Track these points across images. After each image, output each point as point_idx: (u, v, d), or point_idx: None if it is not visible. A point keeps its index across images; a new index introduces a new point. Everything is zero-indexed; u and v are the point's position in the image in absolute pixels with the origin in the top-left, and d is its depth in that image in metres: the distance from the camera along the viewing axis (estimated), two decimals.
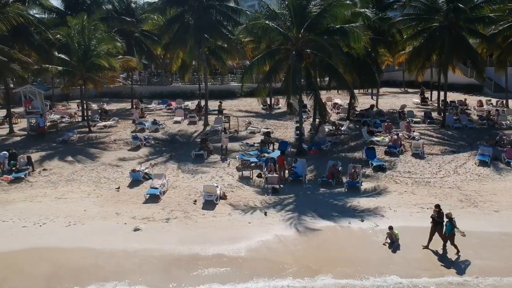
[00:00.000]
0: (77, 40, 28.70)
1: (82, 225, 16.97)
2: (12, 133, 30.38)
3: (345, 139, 28.65)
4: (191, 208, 18.32)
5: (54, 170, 23.16)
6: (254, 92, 40.72)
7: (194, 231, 16.35)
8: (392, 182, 21.34)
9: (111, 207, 18.61)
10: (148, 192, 19.41)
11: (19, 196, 19.98)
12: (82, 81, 29.52)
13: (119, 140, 28.61)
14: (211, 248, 15.02)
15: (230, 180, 21.69)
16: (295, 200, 19.27)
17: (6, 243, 15.40)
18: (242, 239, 15.64)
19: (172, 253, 14.79)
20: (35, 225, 16.93)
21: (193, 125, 33.22)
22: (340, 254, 14.81)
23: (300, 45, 23.62)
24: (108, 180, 21.86)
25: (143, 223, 17.00)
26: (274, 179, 21.11)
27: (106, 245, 15.29)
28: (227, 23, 32.09)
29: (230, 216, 17.63)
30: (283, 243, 15.49)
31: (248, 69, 25.06)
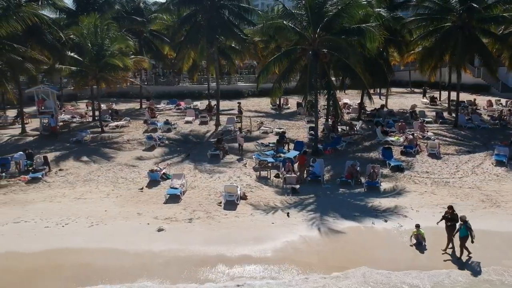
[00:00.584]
0: (91, 39, 28.60)
1: (104, 225, 16.90)
2: (24, 133, 30.31)
3: (358, 139, 28.59)
4: (213, 208, 18.26)
5: (71, 170, 23.10)
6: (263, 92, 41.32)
7: (217, 231, 16.28)
8: (411, 182, 21.27)
9: (132, 207, 18.54)
10: (168, 192, 19.34)
11: (38, 196, 19.91)
12: (95, 81, 29.41)
13: (132, 140, 28.55)
14: (236, 249, 14.96)
15: (248, 180, 21.63)
16: (316, 200, 19.21)
17: (30, 244, 15.31)
18: (267, 240, 15.58)
19: (198, 254, 14.73)
20: (57, 225, 16.87)
21: (204, 125, 33.15)
22: (366, 254, 14.73)
23: (317, 44, 23.54)
24: (126, 180, 21.80)
25: (166, 223, 16.93)
26: (292, 179, 21.06)
27: (131, 246, 15.23)
28: (239, 23, 32.03)
29: (252, 216, 17.57)
30: (308, 244, 15.43)
31: (264, 69, 24.97)
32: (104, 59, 28.34)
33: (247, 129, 31.23)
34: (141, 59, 31.57)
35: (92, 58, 28.65)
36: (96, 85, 30.07)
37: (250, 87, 51.49)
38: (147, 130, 31.20)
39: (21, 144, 27.98)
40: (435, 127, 31.35)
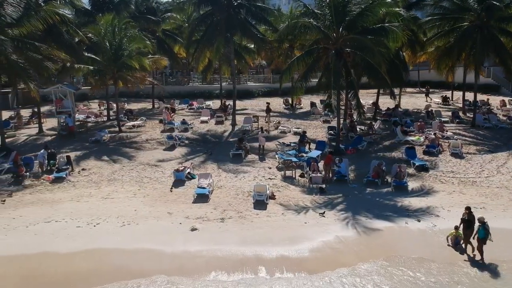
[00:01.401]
0: (109, 39, 28.47)
1: (136, 225, 16.78)
2: (41, 132, 30.21)
3: (378, 139, 28.51)
4: (244, 207, 18.16)
5: (94, 170, 22.98)
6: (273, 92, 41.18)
7: (252, 231, 16.17)
8: (438, 182, 21.18)
9: (162, 207, 18.43)
10: (197, 192, 19.24)
11: (65, 196, 19.80)
12: (113, 81, 29.30)
13: (151, 140, 28.45)
14: (273, 249, 14.82)
15: (274, 179, 21.51)
16: (345, 200, 19.12)
17: (65, 244, 15.17)
18: (302, 240, 15.46)
19: (236, 254, 14.60)
20: (88, 225, 16.74)
21: (220, 125, 33.06)
22: (405, 254, 14.62)
23: (340, 44, 23.45)
24: (151, 180, 21.70)
25: (198, 222, 16.82)
26: (318, 178, 21.00)
27: (166, 246, 15.09)
28: (256, 23, 31.94)
29: (284, 216, 17.46)
30: (344, 244, 15.31)
31: (287, 68, 24.88)
32: (122, 59, 28.21)
33: (264, 128, 31.15)
34: (159, 58, 31.42)
35: (110, 57, 28.52)
36: (114, 84, 29.92)
37: (260, 87, 51.47)
38: (164, 129, 31.10)
39: (40, 144, 27.83)
40: (453, 127, 31.25)
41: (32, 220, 17.07)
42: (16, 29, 24.20)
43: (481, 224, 13.95)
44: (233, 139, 28.78)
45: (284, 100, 42.84)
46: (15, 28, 24.13)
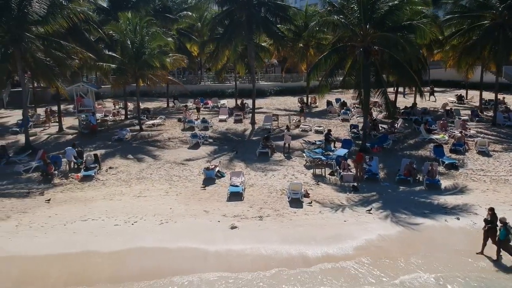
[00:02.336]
0: (130, 37, 28.32)
1: (174, 223, 16.65)
2: (62, 131, 30.08)
3: (401, 137, 28.36)
4: (280, 205, 18.03)
5: (121, 168, 22.84)
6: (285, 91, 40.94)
7: (292, 229, 16.04)
8: (469, 180, 21.05)
9: (196, 205, 18.29)
10: (230, 190, 19.10)
11: (97, 194, 19.65)
12: (134, 79, 29.16)
13: (173, 139, 28.35)
14: (318, 247, 14.69)
15: (304, 178, 21.38)
16: (380, 198, 18.99)
17: (106, 243, 15.02)
18: (345, 238, 15.34)
19: (280, 252, 14.47)
20: (126, 223, 16.61)
21: (239, 124, 32.93)
22: (452, 252, 14.51)
23: (368, 41, 23.33)
24: (180, 178, 21.55)
25: (236, 221, 16.68)
26: (350, 177, 20.89)
27: (209, 244, 14.94)
28: (276, 21, 31.82)
29: (322, 214, 17.34)
30: (388, 242, 15.19)
31: (315, 67, 24.72)
32: (143, 58, 28.05)
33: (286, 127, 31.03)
34: (181, 57, 31.25)
35: (131, 56, 28.36)
36: (135, 83, 29.78)
37: (272, 86, 51.35)
38: (184, 128, 30.98)
39: (62, 142, 27.79)
40: (473, 125, 31.10)
41: (68, 219, 16.93)
42: (41, 27, 24.05)
43: (503, 224, 13.78)
44: (255, 138, 28.67)
45: (299, 99, 42.74)
46: (40, 26, 23.95)
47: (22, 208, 17.94)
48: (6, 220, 16.87)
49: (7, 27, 23.20)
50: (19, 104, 41.74)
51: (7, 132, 30.46)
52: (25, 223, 16.58)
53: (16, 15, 22.91)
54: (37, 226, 16.33)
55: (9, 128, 31.56)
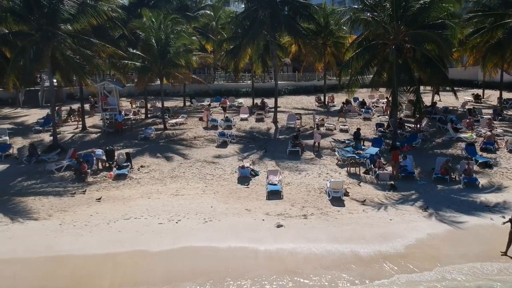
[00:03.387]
0: (155, 35, 28.15)
1: (218, 221, 16.50)
2: (85, 130, 29.90)
3: (427, 136, 28.21)
4: (321, 204, 17.90)
5: (153, 167, 22.70)
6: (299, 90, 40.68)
7: (339, 228, 15.89)
8: (506, 179, 20.89)
9: (237, 203, 18.15)
10: (269, 188, 18.95)
11: (133, 193, 19.50)
12: (159, 78, 29.00)
13: (199, 137, 28.19)
14: (368, 246, 14.54)
15: (339, 176, 21.24)
16: (421, 197, 18.84)
17: (154, 242, 14.85)
18: (395, 237, 15.18)
19: (332, 251, 14.31)
20: (170, 222, 16.47)
21: (261, 122, 32.76)
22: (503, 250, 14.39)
23: (400, 39, 23.21)
24: (214, 177, 21.41)
25: (281, 219, 16.54)
26: (386, 175, 20.77)
27: (258, 243, 14.77)
28: (300, 19, 31.69)
29: (365, 213, 17.20)
30: (438, 240, 15.05)
31: (346, 65, 24.61)
32: (169, 56, 27.89)
33: (310, 126, 30.95)
34: (206, 56, 31.07)
35: (155, 54, 28.18)
36: (160, 81, 29.61)
37: (286, 85, 51.12)
38: (207, 127, 30.83)
39: (87, 141, 27.66)
40: (497, 124, 30.96)
41: (110, 217, 16.79)
42: (70, 25, 23.88)
43: None
44: (282, 137, 28.54)
45: (316, 98, 42.62)
46: (69, 24, 23.79)
47: (62, 207, 17.80)
48: (49, 219, 16.73)
49: (38, 25, 23.00)
50: (34, 103, 42.05)
51: (30, 131, 30.23)
52: (68, 221, 16.44)
53: (47, 13, 22.73)
54: (81, 224, 16.18)
55: (31, 127, 31.35)
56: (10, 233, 15.54)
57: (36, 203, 18.17)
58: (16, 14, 22.87)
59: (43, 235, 15.38)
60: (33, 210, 17.47)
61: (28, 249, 14.39)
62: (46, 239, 15.06)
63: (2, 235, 15.36)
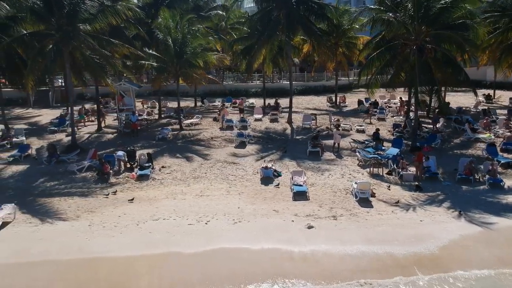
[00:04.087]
0: (173, 35, 28.05)
1: (248, 222, 16.42)
2: (100, 130, 29.79)
3: (444, 136, 28.13)
4: (349, 205, 17.82)
5: (174, 168, 22.61)
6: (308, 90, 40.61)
7: (370, 229, 15.82)
8: None
9: (264, 204, 18.06)
10: (295, 189, 18.86)
11: (158, 193, 19.41)
12: (175, 78, 28.92)
13: (216, 138, 28.11)
14: (403, 248, 14.49)
15: (361, 177, 21.14)
16: (447, 197, 18.76)
17: (187, 243, 14.76)
18: (428, 238, 15.12)
19: (367, 252, 14.26)
20: (199, 223, 16.38)
21: (275, 123, 32.67)
22: None
23: (422, 39, 23.14)
24: (237, 177, 21.32)
25: (310, 220, 16.46)
26: (410, 176, 20.70)
27: (291, 245, 14.71)
28: (315, 19, 31.61)
29: (395, 214, 17.12)
30: (472, 241, 15.00)
31: (367, 64, 24.54)
32: (186, 56, 27.80)
33: (326, 126, 30.88)
34: (223, 56, 30.98)
35: (172, 54, 28.09)
36: (176, 82, 29.53)
37: (295, 85, 50.68)
38: (222, 127, 30.73)
39: (104, 141, 27.59)
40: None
41: (138, 218, 16.71)
42: (88, 25, 23.77)
43: None
44: (299, 137, 28.47)
45: (328, 98, 42.55)
46: (88, 24, 23.67)
47: (89, 208, 17.71)
48: (77, 219, 16.64)
49: (57, 25, 22.90)
50: (45, 103, 41.96)
51: (45, 132, 30.11)
52: (96, 222, 16.34)
53: (67, 13, 22.64)
54: (110, 225, 16.09)
55: (45, 128, 31.24)
56: (41, 234, 15.44)
57: (62, 204, 18.08)
58: (36, 14, 22.75)
59: (74, 236, 15.29)
60: (60, 211, 17.38)
61: (61, 250, 14.31)
62: (77, 240, 14.98)
63: (33, 236, 15.27)
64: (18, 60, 28.23)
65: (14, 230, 15.74)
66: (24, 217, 16.76)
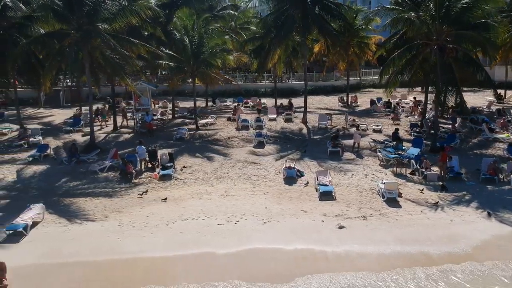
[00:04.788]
0: (190, 35, 27.99)
1: (277, 222, 16.34)
2: (117, 130, 29.72)
3: (462, 136, 28.07)
4: (378, 205, 17.74)
5: (195, 167, 22.54)
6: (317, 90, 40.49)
7: (402, 229, 15.73)
8: None
9: (290, 204, 17.99)
10: (321, 189, 18.77)
11: (182, 193, 19.32)
12: (192, 78, 28.84)
13: (233, 138, 28.04)
14: (436, 248, 14.42)
15: (385, 177, 21.05)
16: (474, 197, 18.66)
17: (219, 243, 14.66)
18: (460, 238, 15.04)
19: (402, 253, 14.17)
20: (228, 222, 16.30)
21: (290, 123, 32.61)
22: None
23: (443, 39, 23.08)
24: (259, 177, 21.24)
25: (340, 220, 16.38)
26: (434, 176, 20.63)
27: (324, 245, 14.61)
28: (330, 19, 31.57)
29: (424, 214, 17.03)
30: (506, 241, 14.95)
31: (387, 65, 24.49)
32: (203, 56, 27.74)
33: (342, 126, 30.82)
34: (241, 56, 30.91)
35: (189, 54, 28.01)
36: (192, 82, 29.46)
37: (303, 85, 50.93)
38: (238, 127, 30.66)
39: (122, 141, 27.53)
40: None
41: (167, 218, 16.62)
42: (108, 25, 23.69)
43: None
44: (316, 137, 28.41)
45: (340, 98, 42.51)
46: (107, 24, 23.60)
47: (115, 208, 17.62)
48: (106, 220, 16.55)
49: (78, 25, 22.83)
50: (55, 103, 41.90)
51: (60, 132, 30.05)
52: (126, 222, 16.26)
53: (87, 12, 22.57)
54: (140, 225, 16.01)
55: (59, 127, 31.19)
56: (71, 234, 15.36)
57: (88, 204, 17.99)
58: (57, 13, 22.67)
59: (105, 236, 15.21)
60: (87, 211, 17.29)
61: (94, 251, 14.21)
62: (109, 241, 14.90)
63: (64, 236, 15.19)
64: (34, 60, 28.24)
65: (44, 230, 15.66)
66: (52, 217, 16.67)
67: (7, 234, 15.11)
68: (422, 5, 23.49)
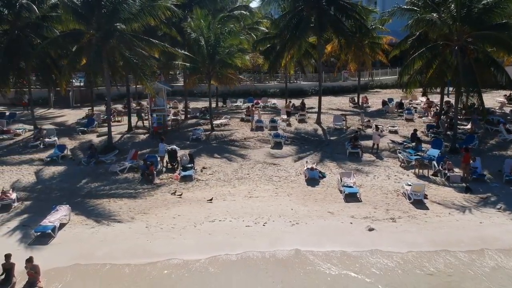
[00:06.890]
0: (205, 35, 27.86)
1: (305, 224, 16.24)
2: (131, 130, 29.58)
3: (480, 136, 27.96)
4: (405, 207, 17.63)
5: (215, 168, 22.40)
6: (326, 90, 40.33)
7: (432, 231, 15.64)
8: None
9: (316, 206, 17.87)
10: (347, 190, 18.65)
11: (205, 194, 19.17)
12: (207, 79, 28.71)
13: (249, 138, 27.87)
14: (469, 249, 14.36)
15: (408, 178, 20.91)
16: (499, 199, 18.56)
17: (251, 245, 14.63)
18: (493, 240, 15.01)
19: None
20: (256, 224, 16.20)
21: (304, 123, 32.46)
22: None
23: (464, 39, 22.97)
24: (281, 179, 21.11)
25: (368, 222, 16.28)
26: (457, 177, 20.52)
27: (357, 247, 14.56)
28: (345, 19, 31.44)
29: (452, 216, 16.92)
30: None
31: (407, 65, 24.38)
32: (219, 57, 27.60)
33: (357, 127, 30.68)
34: (256, 56, 30.78)
35: (205, 55, 27.88)
36: (208, 82, 29.33)
37: (312, 86, 50.76)
38: (252, 128, 30.52)
39: (137, 142, 27.38)
40: None
41: (194, 220, 16.52)
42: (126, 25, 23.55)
43: None
44: (333, 138, 28.25)
45: (350, 98, 42.35)
46: (126, 24, 23.46)
47: (141, 209, 17.51)
48: (133, 221, 16.44)
49: (97, 25, 22.70)
50: (65, 103, 41.70)
51: (73, 132, 29.88)
52: (153, 224, 16.15)
53: (107, 12, 22.44)
54: (168, 227, 15.91)
55: (72, 128, 31.04)
56: (101, 235, 15.25)
57: (112, 205, 17.87)
58: (77, 13, 22.54)
59: (134, 238, 15.10)
60: (113, 212, 17.18)
61: (127, 253, 14.14)
62: (139, 243, 14.80)
63: (94, 238, 15.08)
64: (49, 60, 28.12)
65: (73, 231, 15.54)
66: (79, 218, 16.55)
67: (35, 235, 14.97)
68: (442, 5, 23.33)
